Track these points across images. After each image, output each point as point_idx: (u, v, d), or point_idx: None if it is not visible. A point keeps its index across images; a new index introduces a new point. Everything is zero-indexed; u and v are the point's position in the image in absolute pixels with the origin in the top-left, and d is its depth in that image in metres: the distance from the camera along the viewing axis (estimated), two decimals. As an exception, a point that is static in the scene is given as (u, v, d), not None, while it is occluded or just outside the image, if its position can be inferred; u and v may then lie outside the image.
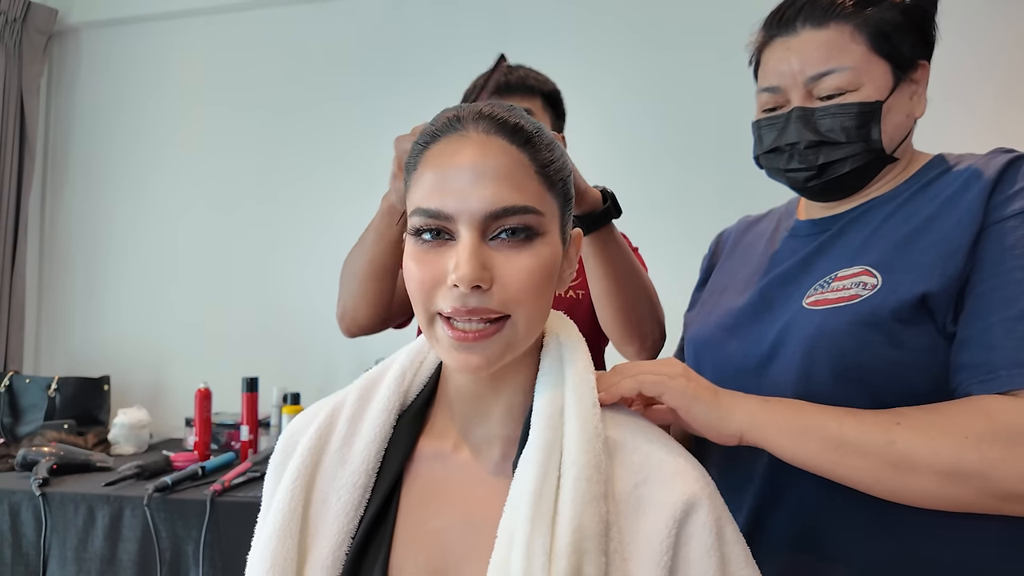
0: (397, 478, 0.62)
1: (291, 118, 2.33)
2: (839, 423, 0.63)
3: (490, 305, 0.54)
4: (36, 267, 2.48)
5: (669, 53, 2.09)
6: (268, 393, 1.97)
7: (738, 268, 0.90)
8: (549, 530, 0.53)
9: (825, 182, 0.77)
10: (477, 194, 0.54)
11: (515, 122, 0.57)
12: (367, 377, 0.67)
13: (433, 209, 0.55)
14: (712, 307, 0.88)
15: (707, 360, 0.85)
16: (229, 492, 1.50)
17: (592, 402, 0.59)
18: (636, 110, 2.10)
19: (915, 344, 0.66)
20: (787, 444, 0.65)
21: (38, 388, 2.07)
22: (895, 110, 0.75)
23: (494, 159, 0.55)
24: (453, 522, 0.59)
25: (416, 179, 0.58)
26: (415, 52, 2.25)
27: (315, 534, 0.59)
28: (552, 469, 0.55)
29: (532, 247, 0.56)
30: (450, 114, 0.59)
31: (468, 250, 0.53)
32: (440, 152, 0.57)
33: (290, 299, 2.29)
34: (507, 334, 0.56)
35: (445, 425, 0.65)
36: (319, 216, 2.28)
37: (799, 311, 0.74)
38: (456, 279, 0.53)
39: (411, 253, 0.57)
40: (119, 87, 2.46)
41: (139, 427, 1.99)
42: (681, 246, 2.00)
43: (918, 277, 0.67)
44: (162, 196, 2.41)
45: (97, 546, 1.48)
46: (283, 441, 0.67)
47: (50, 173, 2.51)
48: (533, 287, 0.56)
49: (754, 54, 0.82)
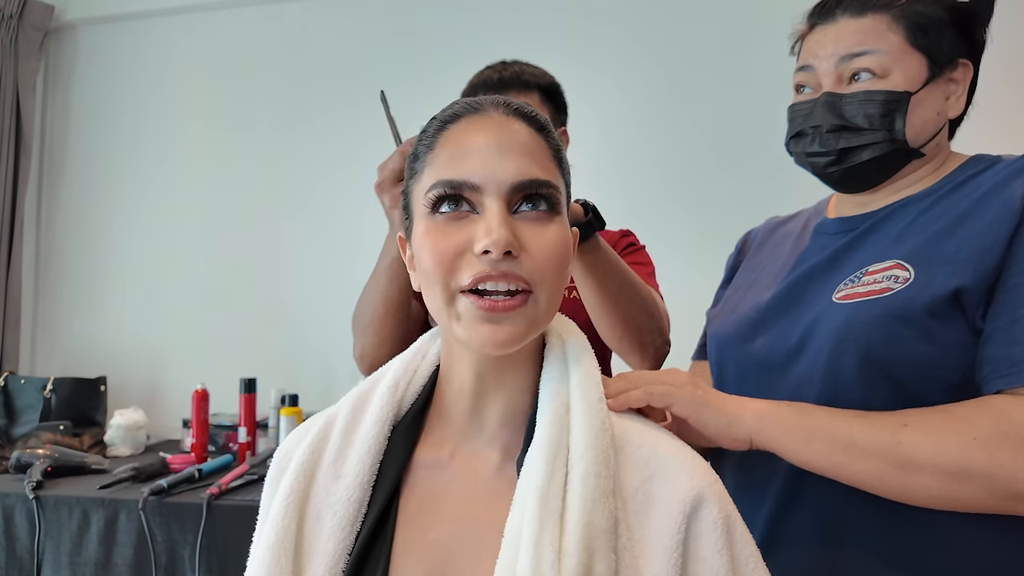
0: (394, 490, 0.60)
1: (292, 117, 2.31)
2: (848, 425, 0.64)
3: (520, 272, 0.54)
4: (32, 266, 2.46)
5: (673, 56, 2.07)
6: (266, 394, 1.95)
7: (764, 265, 0.90)
8: (558, 528, 0.52)
9: (845, 169, 0.77)
10: (504, 165, 0.54)
11: (529, 110, 0.60)
12: (360, 389, 0.66)
13: (458, 180, 0.54)
14: (736, 303, 0.88)
15: (731, 357, 0.84)
16: (226, 495, 1.47)
17: (598, 398, 0.58)
18: (637, 113, 2.08)
19: (946, 339, 0.66)
20: (795, 446, 0.66)
21: (34, 389, 2.05)
22: (925, 105, 0.74)
23: (516, 134, 0.57)
24: (454, 529, 0.57)
25: (433, 158, 0.57)
26: (418, 54, 2.23)
27: (310, 552, 0.58)
28: (559, 466, 0.54)
29: (554, 222, 0.56)
30: (467, 100, 0.59)
31: (499, 216, 0.53)
32: (462, 130, 0.57)
33: (288, 300, 2.27)
34: (530, 309, 0.55)
35: (442, 433, 0.63)
36: (318, 216, 2.26)
37: (828, 305, 0.73)
38: (489, 243, 0.52)
39: (426, 229, 0.56)
40: (116, 84, 2.44)
41: (136, 428, 1.97)
42: (693, 247, 1.99)
43: (952, 271, 0.66)
44: (160, 195, 2.39)
45: (92, 550, 1.46)
46: (278, 457, 0.65)
47: (46, 171, 2.49)
48: (558, 260, 0.55)
49: (796, 43, 0.84)
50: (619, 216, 2.01)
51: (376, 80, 2.27)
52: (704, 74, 2.05)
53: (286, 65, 2.32)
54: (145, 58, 2.42)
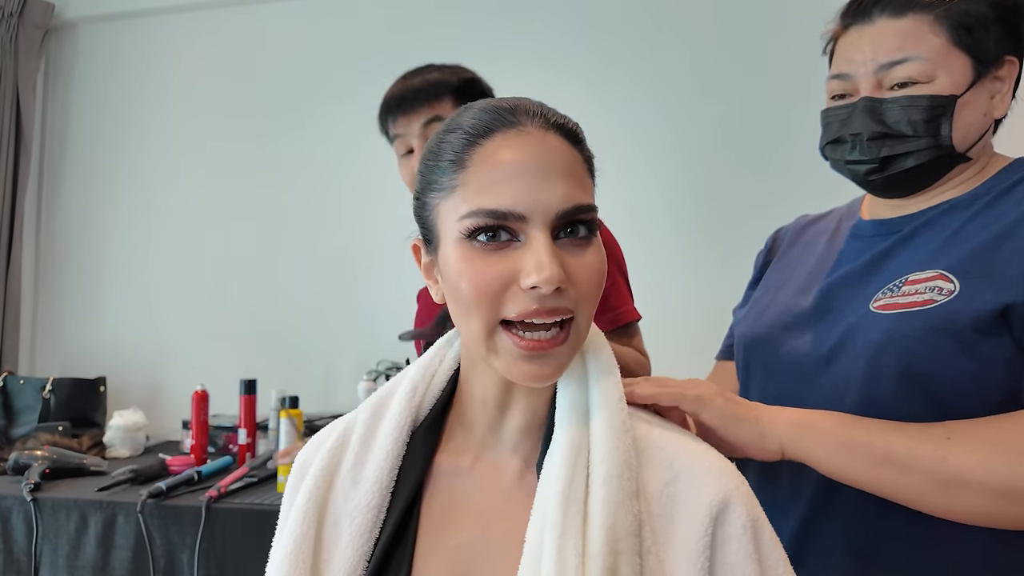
0: (414, 496, 0.60)
1: (292, 118, 2.29)
2: (885, 439, 0.62)
3: (567, 304, 0.53)
4: (32, 266, 2.45)
5: (677, 52, 2.05)
6: (266, 396, 1.94)
7: (795, 266, 0.87)
8: (580, 532, 0.51)
9: (887, 177, 0.73)
10: (549, 192, 0.52)
11: (565, 121, 0.57)
12: (378, 395, 0.65)
13: (502, 210, 0.52)
14: (766, 305, 0.85)
15: (758, 359, 0.82)
16: (225, 498, 1.46)
17: (618, 397, 0.57)
18: (646, 108, 2.06)
19: (990, 354, 0.63)
20: (830, 459, 0.64)
21: (32, 389, 2.04)
22: (971, 107, 0.71)
23: (560, 156, 0.54)
24: (477, 537, 0.57)
25: (466, 178, 0.54)
26: (420, 50, 2.21)
27: (328, 559, 0.57)
28: (580, 468, 0.53)
29: (592, 245, 0.55)
30: (497, 107, 0.56)
31: (548, 250, 0.51)
32: (497, 147, 0.54)
33: (290, 300, 2.25)
34: (572, 339, 0.54)
35: (462, 440, 0.62)
36: (320, 216, 2.24)
37: (866, 315, 0.70)
38: (539, 280, 0.50)
39: (464, 256, 0.53)
40: (117, 83, 2.43)
41: (135, 430, 1.96)
42: (719, 244, 1.98)
43: (1001, 287, 0.63)
44: (160, 195, 2.37)
45: (89, 553, 1.45)
46: (297, 463, 0.65)
47: (46, 171, 2.47)
48: (599, 286, 0.55)
49: (829, 43, 0.80)
50: (644, 214, 2.00)
51: (380, 77, 2.25)
52: (723, 69, 2.04)
53: (287, 64, 2.31)
54: (146, 56, 2.41)
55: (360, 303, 2.17)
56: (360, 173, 2.21)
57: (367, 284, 2.15)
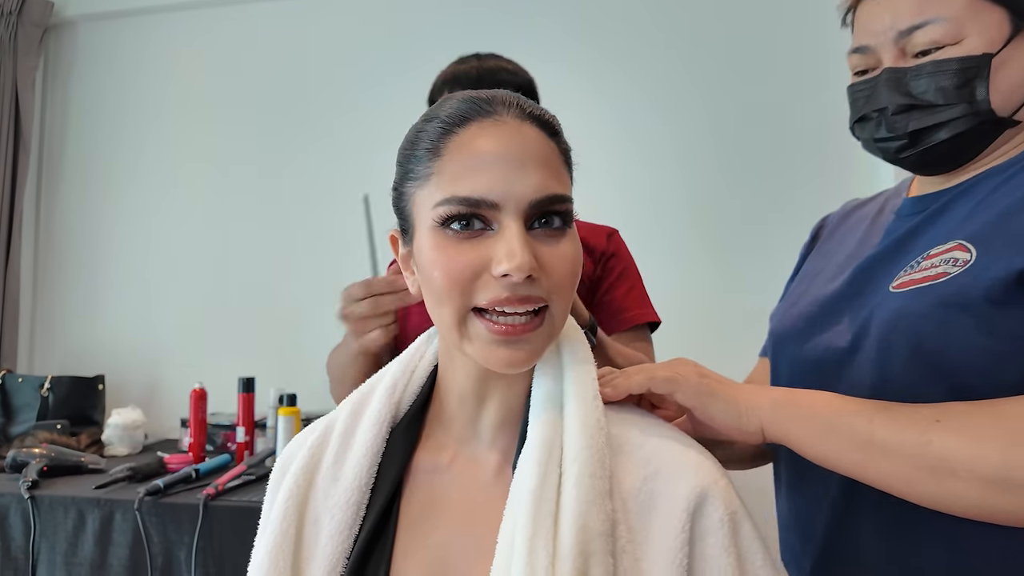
0: (394, 494, 0.59)
1: (291, 115, 2.29)
2: (869, 420, 0.56)
3: (539, 293, 0.52)
4: (31, 264, 2.45)
5: (682, 51, 2.05)
6: (265, 394, 1.94)
7: (833, 253, 0.80)
8: (551, 532, 0.50)
9: (921, 152, 0.67)
10: (523, 181, 0.52)
11: (541, 113, 0.57)
12: (359, 392, 0.65)
13: (475, 197, 0.52)
14: (798, 297, 0.80)
15: (785, 357, 0.77)
16: (223, 496, 1.46)
17: (593, 394, 0.57)
18: (648, 108, 2.06)
19: (1008, 331, 0.57)
20: (811, 440, 0.59)
21: (31, 387, 2.04)
22: (1011, 65, 0.63)
23: (535, 146, 0.54)
24: (455, 534, 0.56)
25: (441, 167, 0.54)
26: (421, 49, 2.22)
27: (309, 557, 0.57)
28: (552, 467, 0.53)
29: (567, 236, 0.55)
30: (474, 97, 0.56)
31: (520, 238, 0.51)
32: (472, 136, 0.54)
33: (288, 299, 2.25)
34: (547, 326, 0.54)
35: (441, 437, 0.62)
36: (318, 214, 2.24)
37: (885, 296, 0.65)
38: (510, 268, 0.50)
39: (436, 244, 0.53)
40: (116, 81, 2.42)
41: (134, 428, 1.95)
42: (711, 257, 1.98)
43: (1017, 251, 0.57)
44: (159, 193, 2.37)
45: (87, 551, 1.44)
46: (280, 462, 0.65)
47: (45, 169, 2.47)
48: (573, 276, 0.55)
49: (846, 13, 0.74)
50: (671, 209, 1.99)
51: (379, 77, 2.26)
52: (737, 67, 2.04)
53: (288, 62, 2.30)
54: (145, 55, 2.41)
55: (359, 301, 2.16)
56: (360, 171, 2.20)
57: (366, 282, 2.15)
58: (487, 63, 1.08)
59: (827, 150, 1.92)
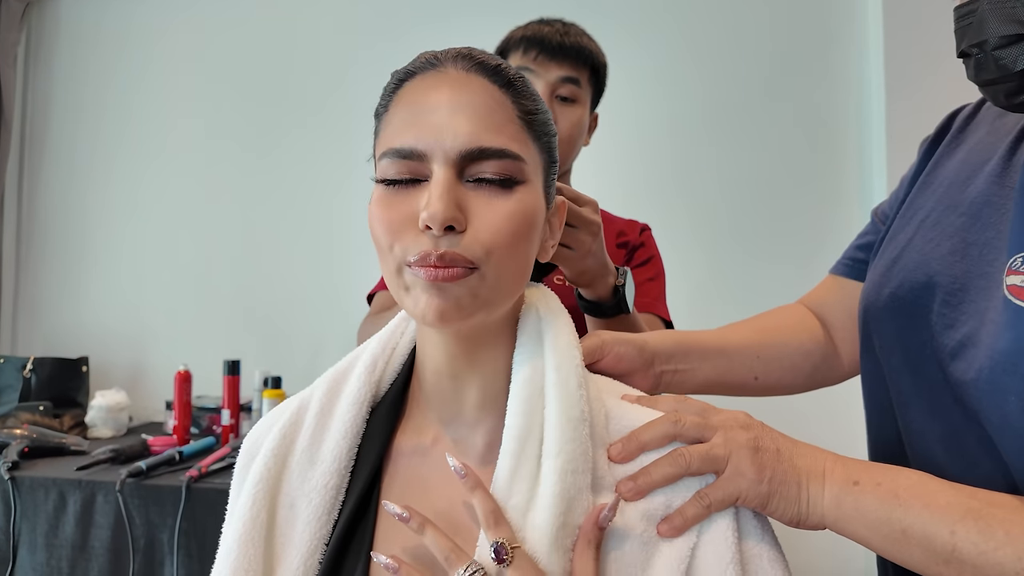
0: (374, 477, 0.57)
1: (279, 95, 2.25)
2: (951, 530, 0.47)
3: (463, 252, 0.49)
4: (13, 244, 2.41)
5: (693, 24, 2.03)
6: (250, 376, 1.92)
7: (951, 183, 0.63)
8: (521, 525, 0.49)
9: None
10: (452, 130, 0.50)
11: (496, 63, 0.54)
12: (335, 370, 0.62)
13: (405, 148, 0.50)
14: (901, 247, 0.64)
15: (875, 337, 0.65)
16: (206, 478, 1.45)
17: (577, 383, 0.54)
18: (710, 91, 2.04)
19: None
20: (884, 546, 0.50)
21: (13, 368, 2.01)
22: None
23: (472, 95, 0.51)
24: (437, 519, 0.54)
25: (387, 121, 0.54)
26: (420, 31, 2.19)
27: (284, 543, 0.55)
28: (527, 459, 0.51)
29: (515, 193, 0.51)
30: (427, 55, 0.55)
31: (441, 186, 0.49)
32: (414, 89, 0.53)
33: (274, 280, 2.23)
34: (474, 282, 0.50)
35: (422, 417, 0.60)
36: (304, 196, 2.21)
37: (996, 300, 0.52)
38: (427, 218, 0.48)
39: (377, 199, 0.52)
40: (100, 58, 2.38)
41: (118, 410, 1.93)
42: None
43: None
44: (144, 173, 2.33)
45: (68, 532, 1.43)
46: (247, 444, 0.62)
47: (27, 148, 2.43)
48: (510, 234, 0.50)
49: None
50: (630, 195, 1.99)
51: (372, 60, 2.23)
52: (717, 58, 2.02)
53: (275, 41, 2.26)
54: (130, 30, 2.36)
55: (345, 283, 2.14)
56: (346, 153, 2.18)
57: (352, 264, 2.13)
58: (573, 29, 1.06)
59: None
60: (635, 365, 0.66)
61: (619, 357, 0.65)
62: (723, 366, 0.74)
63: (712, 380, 0.74)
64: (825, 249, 1.91)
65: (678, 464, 0.52)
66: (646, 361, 0.67)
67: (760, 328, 0.81)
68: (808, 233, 1.96)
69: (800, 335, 0.80)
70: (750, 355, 0.76)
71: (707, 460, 0.52)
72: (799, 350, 0.79)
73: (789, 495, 0.52)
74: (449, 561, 0.49)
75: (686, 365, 0.71)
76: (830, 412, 1.63)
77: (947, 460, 0.58)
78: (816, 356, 0.80)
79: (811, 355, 0.79)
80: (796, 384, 0.80)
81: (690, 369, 0.71)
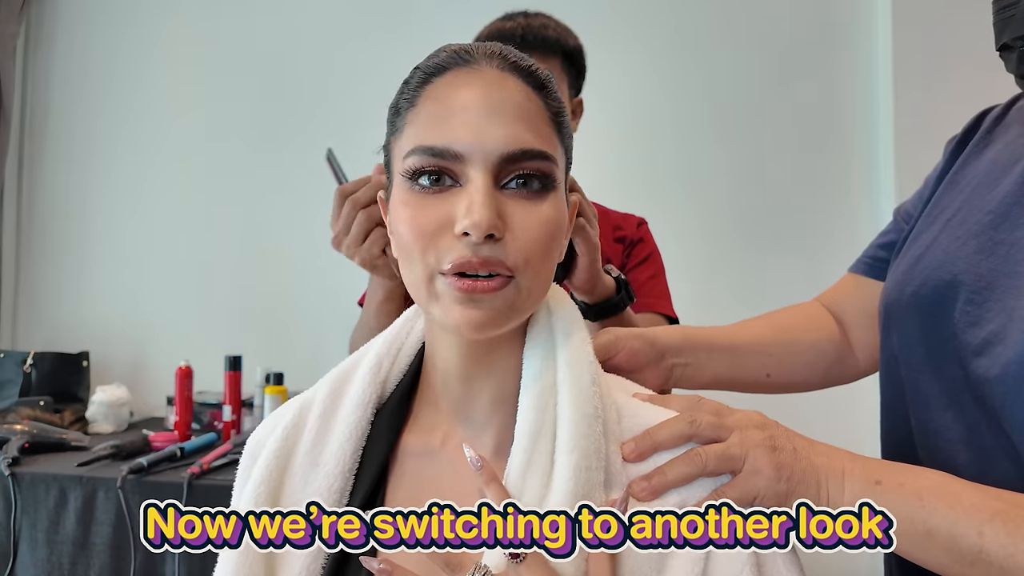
0: (379, 479, 0.56)
1: (282, 90, 2.24)
2: (979, 531, 0.46)
3: (503, 258, 0.48)
4: (13, 238, 2.40)
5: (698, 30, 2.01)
6: (252, 372, 1.92)
7: (979, 182, 0.61)
8: None
9: None
10: (493, 132, 0.48)
11: (529, 64, 0.53)
12: (339, 370, 0.61)
13: (439, 147, 0.49)
14: (926, 246, 0.63)
15: (895, 334, 0.64)
16: (208, 475, 1.44)
17: (590, 379, 0.53)
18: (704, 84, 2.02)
19: None
20: (908, 547, 0.49)
21: (13, 363, 2.00)
22: None
23: (514, 98, 0.50)
24: None
25: (414, 116, 0.52)
26: (420, 31, 2.17)
27: (286, 547, 0.53)
28: (539, 455, 0.50)
29: (547, 199, 0.50)
30: (457, 48, 0.53)
31: (483, 192, 0.47)
32: (447, 84, 0.51)
33: (276, 276, 2.22)
34: (510, 293, 0.49)
35: (431, 418, 0.59)
36: (306, 192, 2.19)
37: (1021, 301, 0.51)
38: (468, 225, 0.47)
39: (404, 199, 0.51)
40: (101, 49, 2.35)
41: (118, 405, 1.92)
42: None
43: None
44: (145, 166, 2.31)
45: (69, 529, 1.42)
46: (249, 445, 0.61)
47: (27, 140, 2.41)
48: (546, 242, 0.50)
49: None
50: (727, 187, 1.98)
51: (376, 53, 2.21)
52: (717, 54, 2.00)
53: (279, 33, 2.24)
54: (132, 21, 2.34)
55: (347, 279, 2.13)
56: (349, 149, 2.16)
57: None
58: (534, 21, 1.04)
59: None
60: (647, 359, 0.66)
61: (632, 352, 0.64)
62: (734, 362, 0.74)
63: (723, 376, 0.73)
64: (831, 244, 1.92)
65: (694, 464, 0.51)
66: (658, 355, 0.67)
67: (773, 325, 0.80)
68: (814, 228, 1.94)
69: (814, 333, 0.79)
70: (762, 352, 0.76)
71: (723, 460, 0.51)
72: (813, 348, 0.78)
73: (808, 494, 0.51)
74: (451, 566, 0.48)
75: (693, 359, 0.71)
76: (835, 411, 1.62)
77: (964, 460, 0.58)
78: (830, 355, 0.79)
79: (825, 353, 0.79)
80: (810, 382, 0.79)
81: (697, 363, 0.71)
